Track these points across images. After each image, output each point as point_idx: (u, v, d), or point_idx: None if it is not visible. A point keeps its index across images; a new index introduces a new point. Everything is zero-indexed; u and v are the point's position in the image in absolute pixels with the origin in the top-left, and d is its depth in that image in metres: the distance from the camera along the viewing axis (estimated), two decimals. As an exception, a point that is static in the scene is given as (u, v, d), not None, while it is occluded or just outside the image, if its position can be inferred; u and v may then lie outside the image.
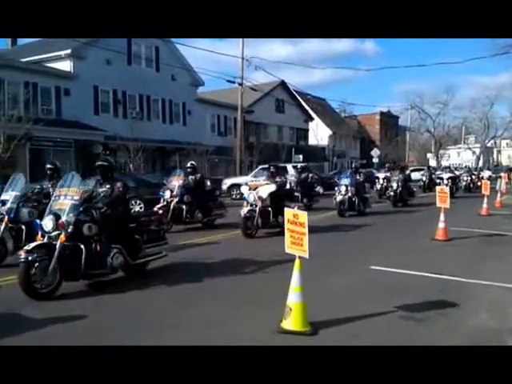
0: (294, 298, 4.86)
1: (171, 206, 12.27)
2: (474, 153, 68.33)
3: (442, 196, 11.17)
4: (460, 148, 74.38)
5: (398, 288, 6.67)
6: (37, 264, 6.13)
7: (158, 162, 30.87)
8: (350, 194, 15.36)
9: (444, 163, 64.15)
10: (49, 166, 10.17)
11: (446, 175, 25.68)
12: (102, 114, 27.82)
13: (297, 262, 4.90)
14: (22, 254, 6.15)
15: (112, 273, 6.93)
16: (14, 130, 18.07)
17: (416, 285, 6.88)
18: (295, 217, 4.98)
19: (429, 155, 67.53)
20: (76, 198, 6.67)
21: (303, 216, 4.91)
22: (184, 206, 12.43)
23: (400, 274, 7.54)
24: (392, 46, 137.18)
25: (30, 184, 10.78)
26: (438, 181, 25.22)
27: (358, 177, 16.17)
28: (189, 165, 13.38)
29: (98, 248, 6.66)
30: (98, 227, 6.68)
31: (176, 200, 12.42)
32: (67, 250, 6.34)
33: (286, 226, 5.09)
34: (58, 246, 6.24)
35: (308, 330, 4.84)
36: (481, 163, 62.29)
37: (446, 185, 21.06)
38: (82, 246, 6.41)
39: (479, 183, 30.89)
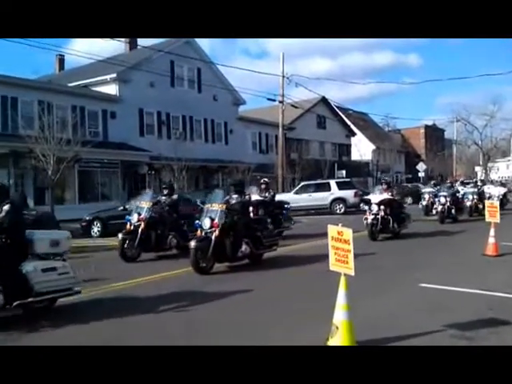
0: (340, 316, 4.75)
1: None
2: (523, 165, 66.05)
3: (491, 211, 10.87)
4: (509, 160, 72.02)
5: (449, 306, 6.45)
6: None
7: (201, 181, 31.27)
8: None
9: (493, 176, 62.16)
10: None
11: (375, 197, 14.39)
12: (146, 136, 28.53)
13: (342, 279, 4.80)
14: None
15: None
16: (63, 152, 18.70)
17: (467, 302, 6.64)
18: (339, 234, 4.89)
19: (477, 168, 65.60)
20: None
21: (348, 233, 4.82)
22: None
23: (450, 291, 7.29)
24: (435, 58, 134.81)
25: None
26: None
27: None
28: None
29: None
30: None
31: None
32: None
33: (330, 243, 5.01)
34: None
35: (355, 349, 4.73)
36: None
37: (376, 215, 13.54)
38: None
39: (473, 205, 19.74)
